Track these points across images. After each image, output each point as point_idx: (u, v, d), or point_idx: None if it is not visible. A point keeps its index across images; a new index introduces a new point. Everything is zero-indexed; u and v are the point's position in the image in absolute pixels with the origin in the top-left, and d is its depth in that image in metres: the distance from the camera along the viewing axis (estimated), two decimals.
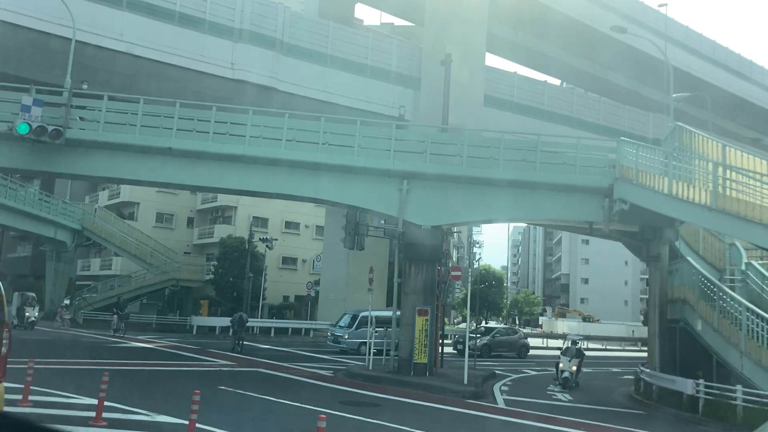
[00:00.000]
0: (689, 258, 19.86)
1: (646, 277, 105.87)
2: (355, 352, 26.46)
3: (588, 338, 53.90)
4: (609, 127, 35.72)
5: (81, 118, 18.42)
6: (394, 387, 16.68)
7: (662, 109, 38.81)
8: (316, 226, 53.69)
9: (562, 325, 68.11)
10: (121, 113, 18.90)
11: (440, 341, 19.95)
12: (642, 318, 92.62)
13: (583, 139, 20.03)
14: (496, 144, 18.54)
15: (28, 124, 17.37)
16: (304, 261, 53.13)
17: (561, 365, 19.62)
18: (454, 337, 33.73)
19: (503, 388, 18.50)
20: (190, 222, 53.46)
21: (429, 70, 31.46)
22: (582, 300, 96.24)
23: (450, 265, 21.53)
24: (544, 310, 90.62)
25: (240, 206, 50.40)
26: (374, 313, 28.89)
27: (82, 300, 40.44)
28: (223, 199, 50.50)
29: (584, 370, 29.31)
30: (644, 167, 16.84)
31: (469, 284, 18.28)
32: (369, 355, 19.43)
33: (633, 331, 71.37)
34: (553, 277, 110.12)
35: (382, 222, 22.00)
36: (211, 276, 42.86)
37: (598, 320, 79.86)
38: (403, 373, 18.23)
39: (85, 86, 22.25)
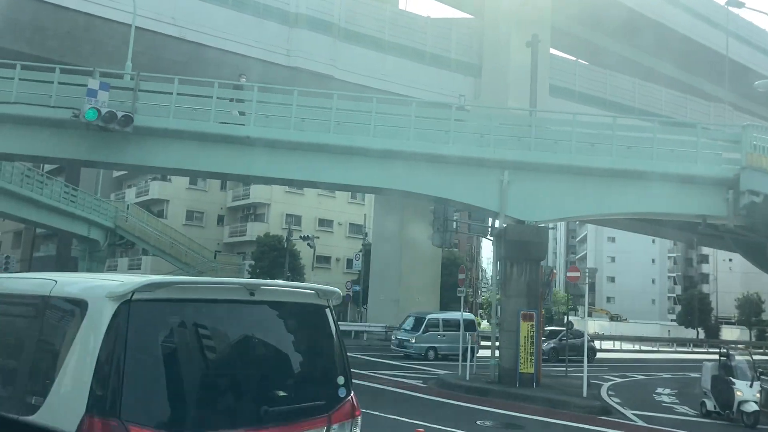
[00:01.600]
0: None
1: (674, 275, 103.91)
2: (422, 357, 24.75)
3: (621, 339, 52.12)
4: (672, 119, 33.91)
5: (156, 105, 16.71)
6: (508, 401, 14.94)
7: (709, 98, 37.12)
8: (350, 223, 52.11)
9: (593, 325, 66.09)
10: (191, 97, 17.22)
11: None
12: (672, 318, 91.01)
13: (700, 124, 18.21)
14: (606, 129, 16.77)
15: (97, 109, 15.68)
16: (337, 260, 51.48)
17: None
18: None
19: (615, 399, 16.75)
20: (220, 220, 51.91)
21: (491, 57, 29.74)
22: (608, 299, 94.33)
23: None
24: (575, 309, 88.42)
25: (273, 203, 48.81)
26: (442, 316, 27.32)
27: None
28: (255, 196, 48.94)
29: (664, 375, 27.67)
30: None
31: (587, 285, 16.42)
32: (467, 362, 17.65)
33: (669, 331, 69.45)
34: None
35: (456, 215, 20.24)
36: (249, 276, 41.23)
37: (626, 319, 77.97)
38: (507, 384, 16.50)
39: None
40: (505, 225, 16.84)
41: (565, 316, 38.51)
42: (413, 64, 28.65)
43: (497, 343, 17.43)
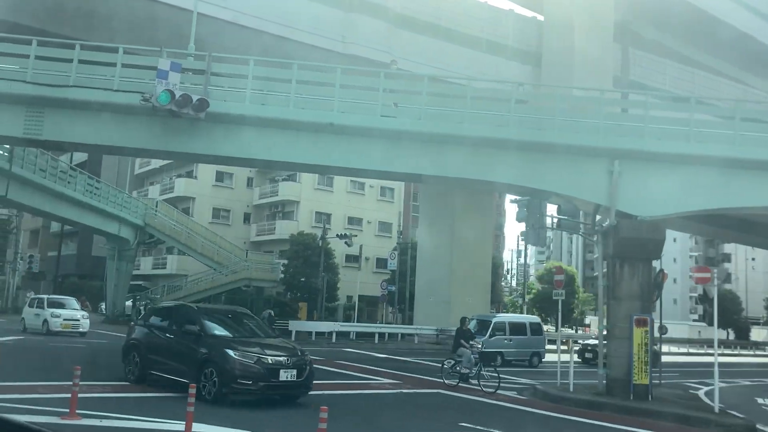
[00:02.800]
0: None
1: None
2: (488, 363, 23.13)
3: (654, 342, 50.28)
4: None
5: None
6: (631, 417, 13.36)
7: None
8: (378, 222, 50.57)
9: None
10: (266, 81, 15.62)
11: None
12: (693, 318, 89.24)
13: None
14: (730, 114, 15.16)
15: (170, 92, 14.12)
16: (367, 258, 49.82)
17: None
18: (577, 344, 30.24)
19: (736, 413, 15.13)
20: (246, 218, 50.39)
21: (551, 45, 28.14)
22: None
23: None
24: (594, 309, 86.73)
25: (303, 201, 47.26)
26: (508, 319, 25.77)
27: (149, 303, 37.26)
28: (284, 194, 47.43)
29: (743, 382, 26.01)
30: None
31: (715, 288, 14.81)
32: (570, 371, 16.05)
33: (699, 332, 67.59)
34: (594, 274, 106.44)
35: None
36: (282, 275, 39.73)
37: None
38: (619, 396, 14.90)
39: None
40: (614, 221, 15.21)
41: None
42: (470, 51, 27.10)
43: (605, 351, 15.82)
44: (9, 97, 15.39)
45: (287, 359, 10.89)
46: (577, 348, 28.93)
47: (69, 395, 8.75)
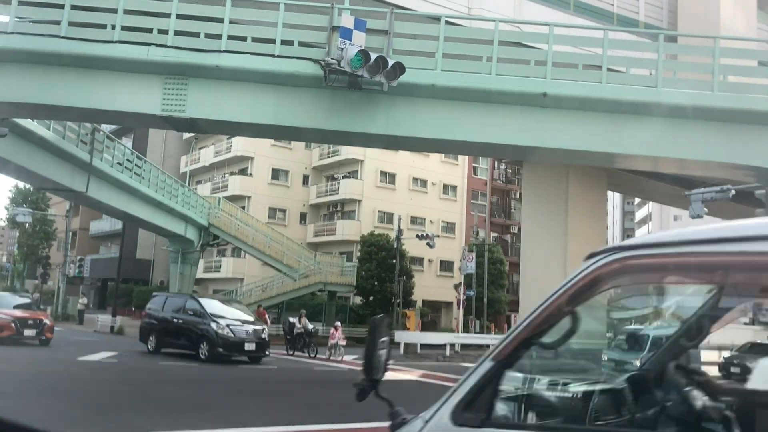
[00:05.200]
0: None
1: None
2: None
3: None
4: None
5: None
6: None
7: None
8: (442, 221, 47.70)
9: None
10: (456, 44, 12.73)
11: None
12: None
13: None
14: None
15: (364, 53, 11.26)
16: (430, 261, 46.98)
17: None
18: None
19: None
20: (302, 218, 47.56)
21: (688, 19, 25.14)
22: None
23: None
24: None
25: (364, 199, 44.41)
26: (663, 332, 22.83)
27: None
28: (345, 192, 44.63)
29: None
30: None
31: None
32: None
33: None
34: None
35: None
36: (356, 279, 36.88)
37: None
38: None
39: None
40: None
41: None
42: (600, 25, 24.14)
43: None
44: (145, 66, 12.61)
45: None
46: None
47: None
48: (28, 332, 19.07)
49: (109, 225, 55.67)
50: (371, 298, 37.03)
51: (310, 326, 23.42)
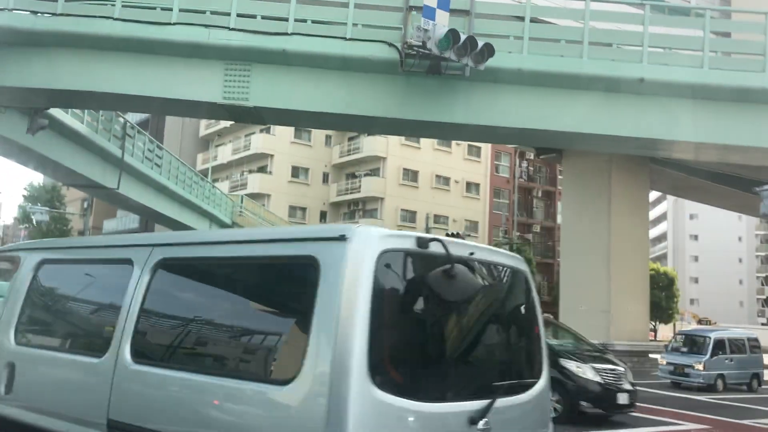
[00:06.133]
0: None
1: (764, 275, 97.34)
2: (707, 388, 19.22)
3: None
4: None
5: None
6: None
7: None
8: (465, 220, 46.76)
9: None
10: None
11: None
12: (762, 321, 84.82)
13: None
14: None
15: (454, 34, 10.28)
16: None
17: None
18: None
19: None
20: (323, 216, 46.63)
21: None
22: (692, 301, 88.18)
23: None
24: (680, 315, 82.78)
25: (387, 197, 43.46)
26: (727, 335, 21.84)
27: None
28: (367, 190, 43.69)
29: None
30: None
31: None
32: None
33: None
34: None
35: None
36: None
37: (716, 323, 72.29)
38: None
39: None
40: None
41: None
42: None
43: None
44: (205, 50, 11.64)
45: None
46: None
47: None
48: None
49: (122, 224, 54.83)
50: None
51: None
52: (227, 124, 48.39)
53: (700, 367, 19.57)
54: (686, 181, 30.70)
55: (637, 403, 10.35)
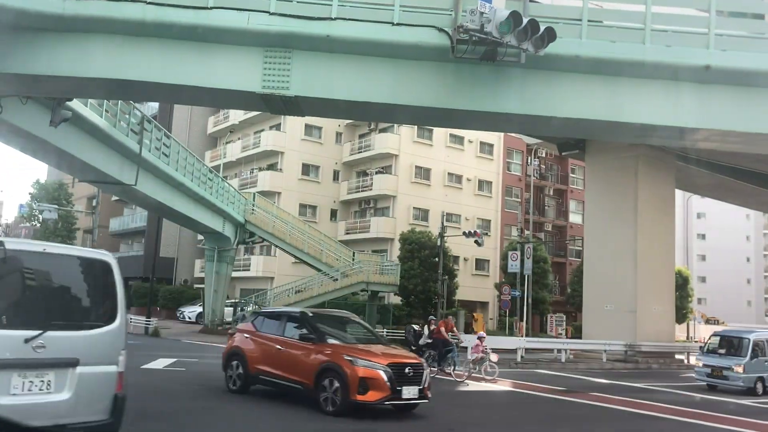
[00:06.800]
0: None
1: None
2: (746, 392, 18.58)
3: None
4: None
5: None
6: None
7: None
8: (477, 218, 46.10)
9: (702, 329, 59.22)
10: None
11: None
12: None
13: None
14: None
15: (516, 16, 9.64)
16: (465, 260, 45.40)
17: None
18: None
19: None
20: (333, 214, 45.97)
21: None
22: (699, 300, 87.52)
23: None
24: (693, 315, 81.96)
25: (399, 195, 42.77)
26: (765, 336, 21.20)
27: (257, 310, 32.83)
28: (378, 187, 43.01)
29: None
30: None
31: None
32: None
33: None
34: None
35: None
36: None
37: (724, 323, 71.74)
38: None
39: None
40: None
41: None
42: None
43: None
44: (243, 36, 10.97)
45: None
46: None
47: None
48: None
49: (129, 222, 54.12)
50: (412, 297, 35.37)
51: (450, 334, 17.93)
52: (236, 120, 47.76)
53: (740, 369, 18.91)
54: (709, 178, 30.09)
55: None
